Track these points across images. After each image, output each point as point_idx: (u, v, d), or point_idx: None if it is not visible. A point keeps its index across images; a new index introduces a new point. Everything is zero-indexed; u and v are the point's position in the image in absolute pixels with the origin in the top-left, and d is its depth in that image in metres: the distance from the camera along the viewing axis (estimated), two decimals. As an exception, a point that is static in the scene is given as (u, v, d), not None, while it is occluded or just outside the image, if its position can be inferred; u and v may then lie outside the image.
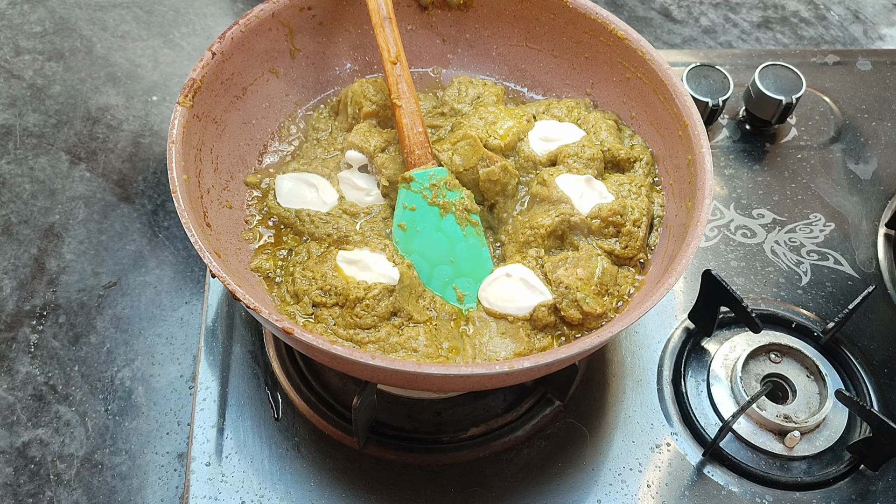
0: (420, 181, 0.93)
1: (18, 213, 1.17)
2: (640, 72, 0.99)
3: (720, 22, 1.56)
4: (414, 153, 0.94)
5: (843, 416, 0.98)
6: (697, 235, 0.83)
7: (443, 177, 0.93)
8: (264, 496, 0.90)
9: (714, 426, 0.97)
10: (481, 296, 0.89)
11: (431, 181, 0.93)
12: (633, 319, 0.77)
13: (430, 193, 0.93)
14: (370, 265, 0.87)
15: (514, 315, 0.87)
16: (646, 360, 1.02)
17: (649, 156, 0.99)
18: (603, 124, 1.00)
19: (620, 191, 0.94)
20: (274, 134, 1.03)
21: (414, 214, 0.92)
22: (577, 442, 0.96)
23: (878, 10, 1.60)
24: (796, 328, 1.05)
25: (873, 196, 1.20)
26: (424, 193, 0.93)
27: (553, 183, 0.93)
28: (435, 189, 0.93)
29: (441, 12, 1.08)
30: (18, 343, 1.06)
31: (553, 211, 0.91)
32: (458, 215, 0.93)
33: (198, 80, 0.90)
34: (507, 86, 1.10)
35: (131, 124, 1.28)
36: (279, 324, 0.74)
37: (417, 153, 0.94)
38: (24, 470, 0.97)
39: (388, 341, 0.84)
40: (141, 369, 1.04)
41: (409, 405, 0.97)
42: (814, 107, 1.29)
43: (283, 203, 0.95)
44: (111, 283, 1.12)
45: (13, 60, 1.34)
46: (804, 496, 0.93)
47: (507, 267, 0.90)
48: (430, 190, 0.93)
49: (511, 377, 0.79)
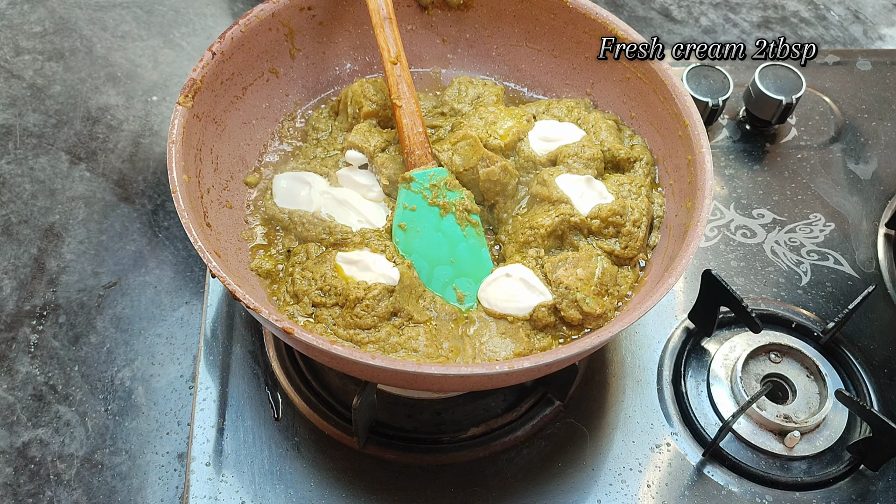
0: (420, 181, 0.93)
1: (18, 213, 1.17)
2: (640, 72, 0.99)
3: (720, 22, 1.56)
4: (414, 153, 0.94)
5: (843, 416, 0.98)
6: (697, 235, 0.83)
7: (443, 177, 0.93)
8: (264, 496, 0.90)
9: (714, 426, 0.97)
10: (481, 296, 0.89)
11: (432, 181, 0.93)
12: (633, 319, 0.77)
13: (430, 194, 0.93)
14: (370, 265, 0.87)
15: (514, 315, 0.87)
16: (646, 360, 1.02)
17: (649, 156, 0.99)
18: (603, 124, 1.00)
19: (620, 191, 0.94)
20: (274, 134, 1.03)
21: (414, 215, 0.92)
22: (577, 442, 0.96)
23: (878, 10, 1.60)
24: (796, 328, 1.05)
25: (873, 196, 1.20)
26: (424, 194, 0.93)
27: (553, 183, 0.93)
28: (435, 189, 0.93)
29: (441, 12, 1.08)
30: (18, 343, 1.06)
31: (553, 211, 0.91)
32: (459, 216, 0.93)
33: (198, 80, 0.90)
34: (508, 86, 1.10)
35: (131, 124, 1.28)
36: (279, 324, 0.74)
37: (417, 153, 0.94)
38: (24, 470, 0.97)
39: (389, 341, 0.84)
40: (141, 369, 1.04)
41: (409, 405, 0.97)
42: (814, 107, 1.29)
43: (279, 203, 0.95)
44: (111, 283, 1.12)
45: (13, 60, 1.34)
46: (804, 496, 0.93)
47: (506, 267, 0.90)
48: (431, 190, 0.93)
49: (511, 377, 0.79)
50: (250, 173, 0.98)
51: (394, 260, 0.88)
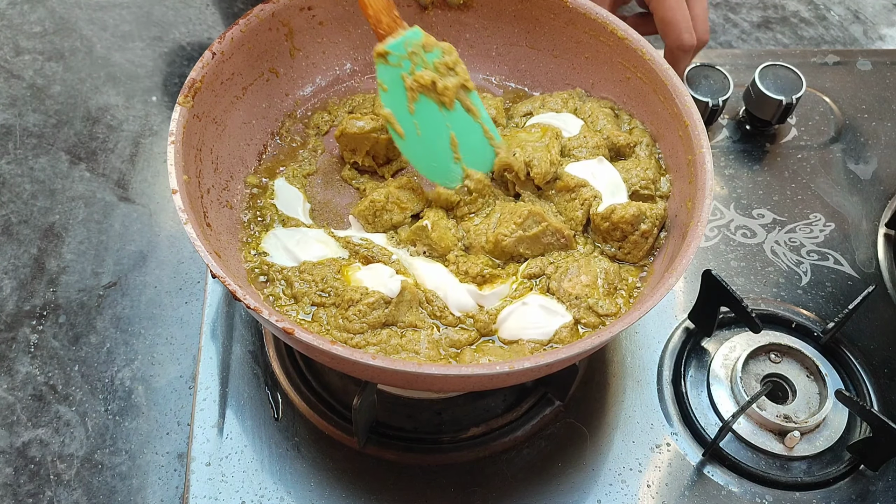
0: (396, 52, 0.87)
1: (18, 213, 1.17)
2: (641, 72, 0.99)
3: (720, 22, 1.56)
4: (382, 22, 0.88)
5: (843, 416, 0.98)
6: (698, 235, 0.83)
7: (418, 40, 0.88)
8: (264, 496, 0.90)
9: (714, 426, 0.97)
10: (501, 328, 0.87)
11: (409, 49, 0.87)
12: (633, 319, 0.77)
13: (409, 65, 0.87)
14: (377, 273, 0.87)
15: (536, 340, 0.86)
16: (646, 360, 1.02)
17: (649, 137, 0.99)
18: (600, 113, 1.00)
19: (630, 177, 0.94)
20: (274, 134, 1.03)
21: (400, 96, 0.88)
22: (577, 442, 0.96)
23: (878, 10, 1.60)
24: (796, 328, 1.05)
25: (873, 196, 1.20)
26: (404, 75, 0.87)
27: (565, 172, 0.93)
28: (415, 58, 0.87)
29: (441, 12, 1.08)
30: (18, 343, 1.06)
31: (577, 199, 0.92)
32: (441, 97, 0.89)
33: (198, 80, 0.90)
34: (508, 85, 1.10)
35: (131, 124, 1.28)
36: (279, 324, 0.74)
37: (385, 21, 0.88)
38: (24, 470, 0.97)
39: (390, 343, 0.84)
40: (141, 369, 1.04)
41: (409, 405, 0.97)
42: (814, 107, 1.29)
43: (280, 207, 0.95)
44: (111, 283, 1.12)
45: (13, 60, 1.34)
46: (804, 496, 0.93)
47: (521, 299, 0.88)
48: (410, 60, 0.87)
49: (511, 377, 0.79)
50: (250, 173, 0.99)
51: (400, 272, 0.88)
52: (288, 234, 0.92)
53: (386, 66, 0.88)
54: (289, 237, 0.91)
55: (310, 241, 0.91)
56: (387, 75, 0.89)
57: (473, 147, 0.94)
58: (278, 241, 0.91)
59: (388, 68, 0.88)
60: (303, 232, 0.93)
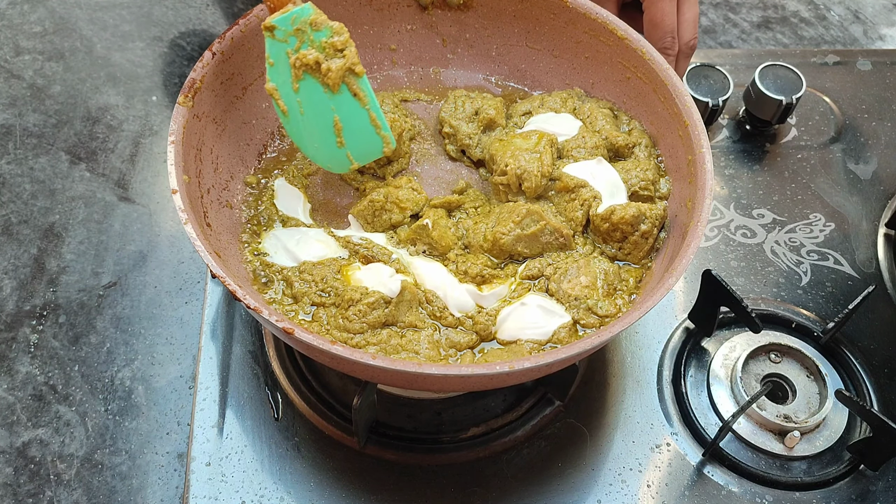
0: (283, 27, 0.84)
1: (18, 213, 1.17)
2: (641, 72, 0.99)
3: (720, 22, 1.56)
4: None
5: (843, 416, 0.98)
6: (698, 235, 0.83)
7: (306, 17, 0.84)
8: (264, 496, 0.90)
9: (714, 426, 0.97)
10: (499, 329, 0.87)
11: (295, 25, 0.84)
12: (633, 319, 0.77)
13: (294, 42, 0.85)
14: (377, 273, 0.87)
15: (534, 340, 0.86)
16: (646, 360, 1.02)
17: (647, 138, 0.99)
18: (598, 113, 1.00)
19: (629, 178, 0.93)
20: (274, 134, 1.03)
21: (285, 73, 0.86)
22: (577, 442, 0.96)
23: (878, 10, 1.60)
24: (796, 328, 1.05)
25: (873, 196, 1.20)
26: (289, 51, 0.85)
27: (563, 173, 0.93)
28: (301, 35, 0.84)
29: (441, 12, 1.08)
30: (18, 343, 1.06)
31: (577, 200, 0.92)
32: (325, 78, 0.87)
33: (198, 80, 0.89)
34: (508, 85, 1.10)
35: (131, 124, 1.28)
36: (279, 324, 0.74)
37: None
38: (24, 470, 0.97)
39: (390, 343, 0.84)
40: (141, 369, 1.04)
41: (409, 405, 0.97)
42: (814, 107, 1.29)
43: (280, 207, 0.95)
44: (111, 283, 1.12)
45: (13, 60, 1.34)
46: (804, 496, 0.93)
47: (520, 300, 0.88)
48: (296, 37, 0.84)
49: (511, 377, 0.79)
50: (250, 173, 0.99)
51: (401, 272, 0.88)
52: (288, 234, 0.92)
53: (273, 40, 0.85)
54: (289, 237, 0.92)
55: (310, 240, 0.91)
56: (273, 50, 0.86)
57: (359, 134, 0.91)
58: (278, 241, 0.91)
59: (274, 43, 0.86)
60: (303, 232, 0.93)
